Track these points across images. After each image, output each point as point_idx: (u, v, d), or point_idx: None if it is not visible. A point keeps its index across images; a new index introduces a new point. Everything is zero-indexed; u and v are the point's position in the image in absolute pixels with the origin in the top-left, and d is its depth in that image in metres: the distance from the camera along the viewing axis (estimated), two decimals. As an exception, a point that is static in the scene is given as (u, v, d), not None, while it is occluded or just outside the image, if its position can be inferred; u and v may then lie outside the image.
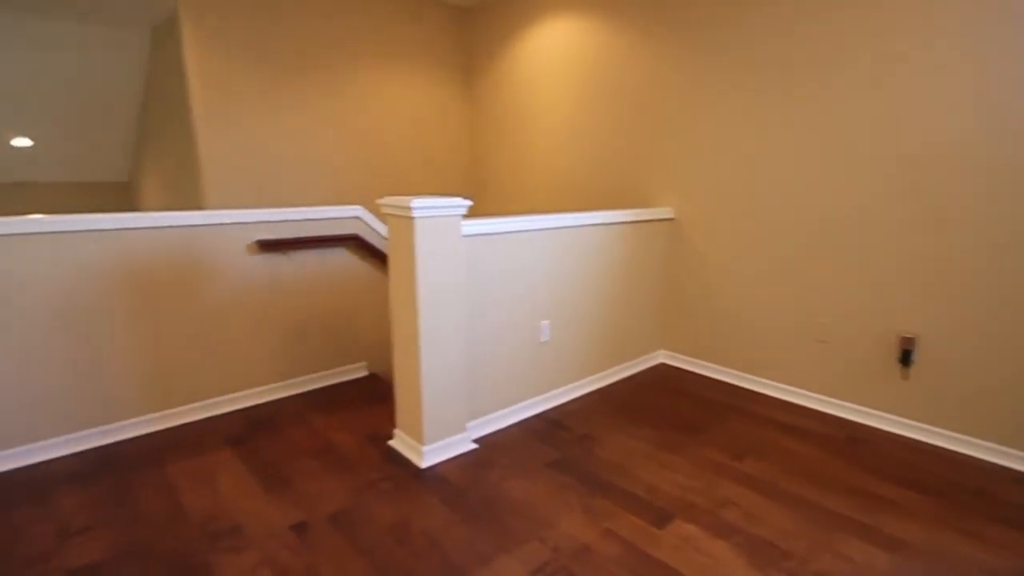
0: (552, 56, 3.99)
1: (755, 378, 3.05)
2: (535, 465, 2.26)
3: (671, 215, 3.32)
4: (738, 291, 3.07)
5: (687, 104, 3.18)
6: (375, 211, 4.16)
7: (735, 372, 3.14)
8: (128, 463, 2.26)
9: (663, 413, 2.76)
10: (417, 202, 1.95)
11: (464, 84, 4.76)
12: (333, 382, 3.13)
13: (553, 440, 2.47)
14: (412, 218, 1.99)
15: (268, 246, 2.70)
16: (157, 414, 2.54)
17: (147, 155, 6.17)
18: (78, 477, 2.15)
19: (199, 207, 3.80)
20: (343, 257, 3.05)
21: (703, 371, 3.31)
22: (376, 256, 3.13)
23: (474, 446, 2.41)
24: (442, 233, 2.09)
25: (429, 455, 2.26)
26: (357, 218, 3.06)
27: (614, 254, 3.01)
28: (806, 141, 2.71)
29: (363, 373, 3.25)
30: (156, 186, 5.97)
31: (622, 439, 2.48)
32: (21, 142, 5.71)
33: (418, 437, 2.27)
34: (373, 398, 2.93)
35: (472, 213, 4.67)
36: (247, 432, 2.54)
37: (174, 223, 2.47)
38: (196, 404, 2.64)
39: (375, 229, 3.14)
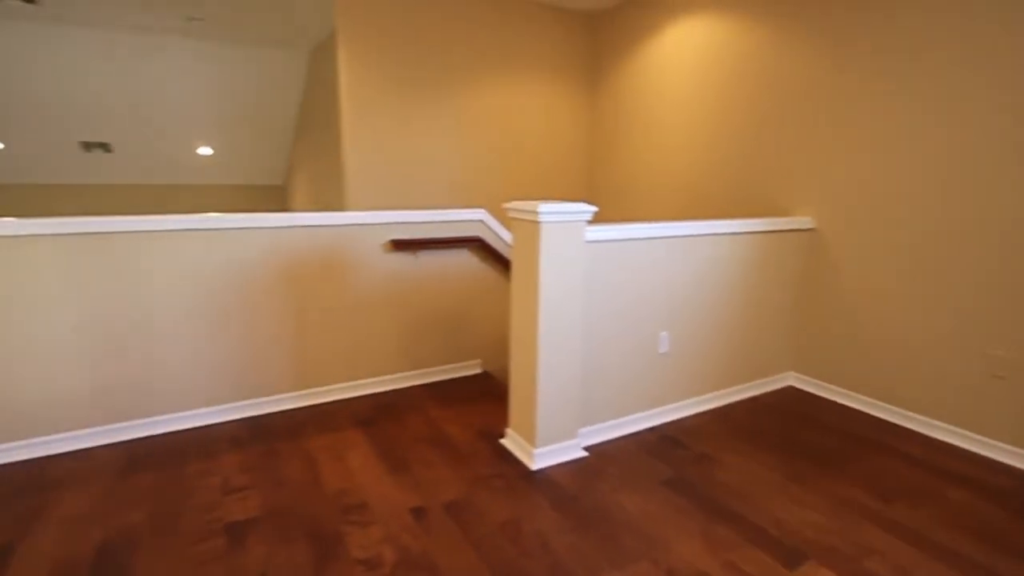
0: (679, 59, 3.85)
1: (905, 412, 2.69)
2: (648, 481, 2.18)
3: (810, 225, 3.05)
4: (889, 312, 2.73)
5: (836, 104, 2.89)
6: (497, 214, 4.30)
7: (880, 403, 2.80)
8: (277, 433, 2.54)
9: (793, 441, 2.53)
10: (544, 207, 1.98)
11: (586, 89, 4.75)
12: (449, 377, 3.27)
13: (667, 457, 2.37)
14: (538, 222, 2.02)
15: (400, 245, 2.90)
16: (301, 392, 2.83)
17: (298, 162, 6.92)
18: (237, 441, 2.46)
19: (341, 208, 4.18)
20: (465, 258, 3.18)
21: (840, 399, 2.98)
22: (496, 259, 3.23)
23: (584, 454, 2.39)
24: (566, 238, 2.10)
25: (540, 458, 2.28)
26: (480, 221, 3.18)
27: (742, 265, 2.82)
28: (984, 140, 2.34)
29: (477, 371, 3.37)
30: (304, 189, 6.67)
31: (745, 464, 2.32)
32: (205, 151, 6.68)
33: (530, 439, 2.30)
34: (486, 395, 3.02)
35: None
36: (374, 416, 2.74)
37: (324, 223, 2.74)
38: (333, 386, 2.91)
39: (496, 232, 3.24)
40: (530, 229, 2.10)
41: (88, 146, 6.07)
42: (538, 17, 4.37)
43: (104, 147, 6.12)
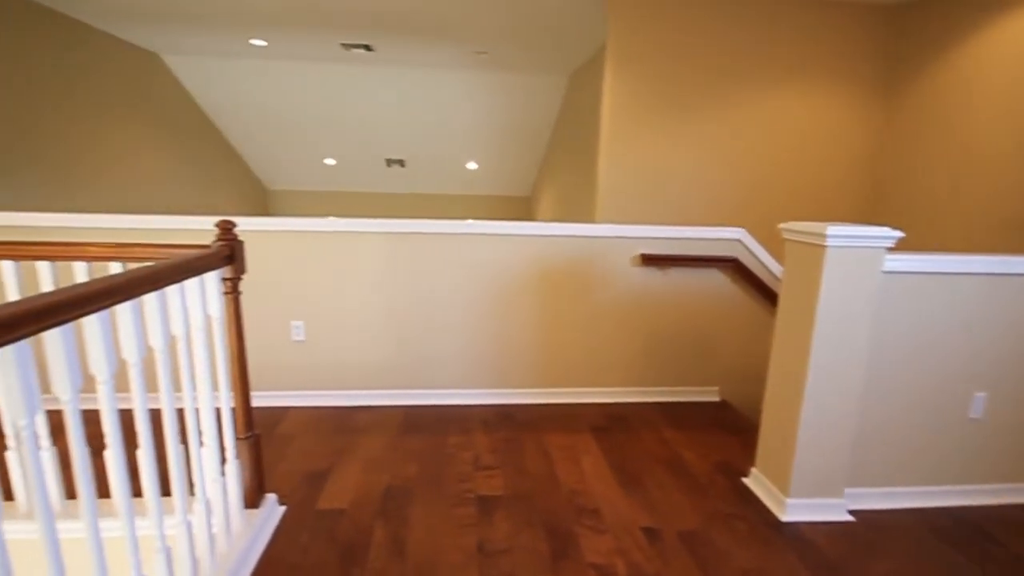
0: (1017, 58, 3.02)
1: None
2: (943, 574, 1.75)
3: None
4: None
5: None
6: (758, 235, 3.97)
7: None
8: (519, 424, 2.76)
9: None
10: (834, 229, 1.75)
11: (876, 95, 4.07)
12: (683, 399, 3.13)
13: (970, 550, 1.87)
14: (824, 247, 1.79)
15: (650, 260, 2.88)
16: (542, 389, 3.02)
17: (546, 175, 7.45)
18: (487, 424, 2.75)
19: (589, 220, 4.36)
20: (716, 279, 3.01)
21: None
22: (751, 283, 2.98)
23: (850, 518, 2.03)
24: (857, 267, 1.82)
25: (792, 509, 2.01)
26: (738, 241, 2.97)
27: (1122, 322, 2.07)
28: None
29: (715, 398, 3.15)
30: (551, 200, 7.15)
31: (1107, 593, 1.69)
32: (472, 166, 7.67)
33: (782, 486, 2.05)
34: (724, 426, 2.80)
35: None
36: (607, 425, 2.77)
37: (577, 233, 2.88)
38: (570, 389, 3.04)
39: (755, 254, 2.99)
40: (810, 254, 1.87)
41: (390, 162, 7.50)
42: (822, 16, 3.91)
43: (400, 163, 7.50)
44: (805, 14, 3.89)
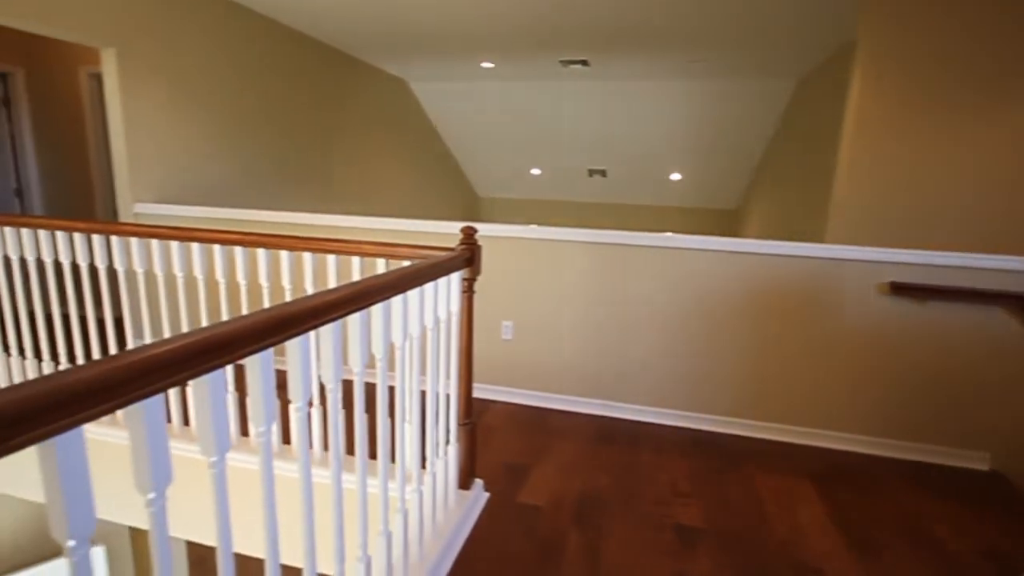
0: None
1: None
2: None
3: None
4: None
5: None
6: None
7: None
8: (719, 454, 2.57)
9: None
10: None
11: None
12: (935, 460, 2.58)
13: None
14: None
15: (902, 289, 2.44)
16: (745, 420, 2.77)
17: (758, 187, 6.83)
18: (682, 448, 2.61)
19: (816, 239, 3.88)
20: (996, 318, 2.42)
21: None
22: (1051, 327, 2.34)
23: None
24: None
25: (1114, 637, 1.52)
26: (1031, 273, 2.36)
27: None
28: None
29: (982, 466, 2.54)
30: (762, 214, 6.54)
31: None
32: (675, 176, 7.41)
33: (1096, 600, 1.56)
34: (996, 504, 2.24)
35: None
36: (828, 474, 2.42)
37: (802, 253, 2.57)
38: (780, 425, 2.73)
39: (1060, 291, 2.34)
40: None
41: (591, 172, 7.64)
42: None
43: (602, 173, 7.59)
44: None
